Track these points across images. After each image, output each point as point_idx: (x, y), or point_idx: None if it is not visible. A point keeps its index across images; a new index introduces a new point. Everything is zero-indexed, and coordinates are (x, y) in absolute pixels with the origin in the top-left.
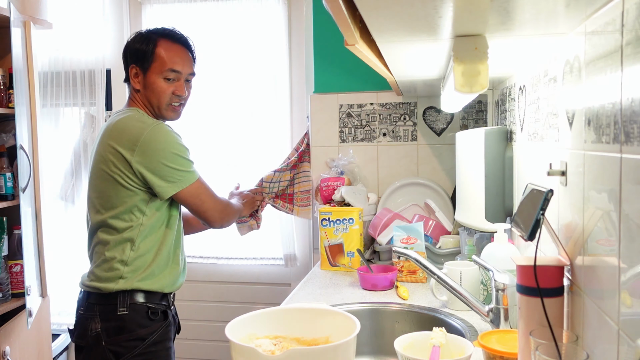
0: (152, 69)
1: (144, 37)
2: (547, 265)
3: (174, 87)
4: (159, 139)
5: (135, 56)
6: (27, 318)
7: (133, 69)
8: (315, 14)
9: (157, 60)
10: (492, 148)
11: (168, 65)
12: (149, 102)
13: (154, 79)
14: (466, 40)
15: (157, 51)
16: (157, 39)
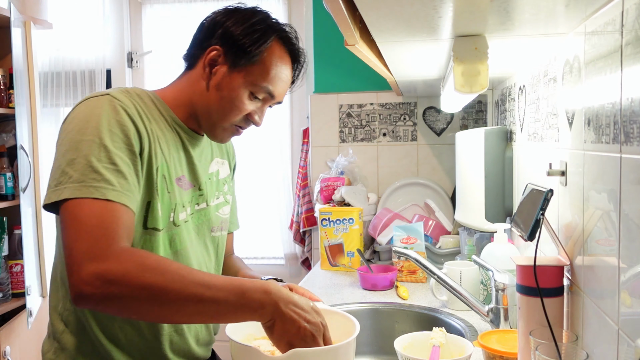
0: (245, 71)
1: (258, 24)
2: (547, 265)
3: (255, 110)
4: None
5: (230, 40)
6: (27, 318)
7: (215, 51)
8: (315, 14)
9: (260, 65)
10: (492, 148)
11: (268, 80)
12: (205, 108)
13: (239, 84)
14: (466, 40)
15: (265, 54)
16: (273, 36)
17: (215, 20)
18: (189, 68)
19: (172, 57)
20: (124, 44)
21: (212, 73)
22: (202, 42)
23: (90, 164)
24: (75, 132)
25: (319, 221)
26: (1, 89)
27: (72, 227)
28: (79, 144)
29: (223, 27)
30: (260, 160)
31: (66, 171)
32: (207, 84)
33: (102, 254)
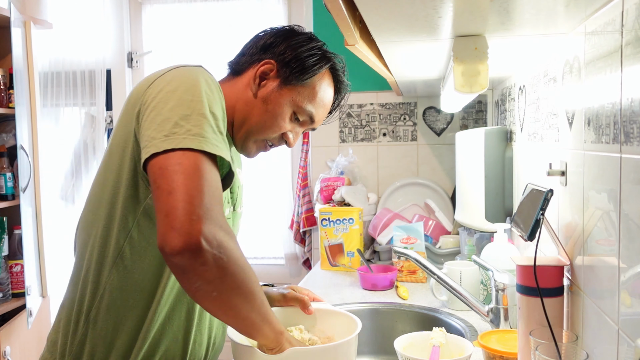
0: (294, 90)
1: (318, 48)
2: (547, 265)
3: (291, 130)
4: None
5: (288, 57)
6: (27, 318)
7: (269, 64)
8: (315, 14)
9: (309, 88)
10: (492, 148)
11: (313, 104)
12: (245, 117)
13: (285, 102)
14: (466, 40)
15: (317, 79)
16: (328, 65)
17: (274, 36)
18: (234, 75)
19: (172, 57)
20: (124, 44)
21: (260, 85)
22: (255, 54)
23: (210, 123)
24: (183, 89)
25: (319, 221)
26: (1, 89)
27: (194, 176)
28: (190, 102)
29: (283, 44)
30: (260, 160)
31: (181, 124)
32: (254, 94)
33: (220, 219)
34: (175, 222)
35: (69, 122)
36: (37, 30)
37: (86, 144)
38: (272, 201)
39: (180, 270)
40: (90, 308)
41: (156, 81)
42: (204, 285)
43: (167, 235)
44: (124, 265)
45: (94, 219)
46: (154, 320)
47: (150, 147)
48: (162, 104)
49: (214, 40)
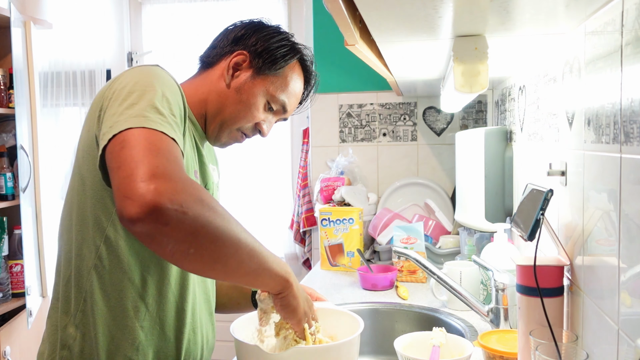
0: (267, 80)
1: (287, 39)
2: (547, 265)
3: (265, 119)
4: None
5: (260, 48)
6: (27, 318)
7: (241, 55)
8: (315, 14)
9: (281, 78)
10: (492, 148)
11: (285, 93)
12: (219, 107)
13: (259, 91)
14: (466, 40)
15: (288, 69)
16: (297, 55)
17: (244, 28)
18: (206, 67)
19: (172, 57)
20: (124, 44)
21: (233, 76)
22: (226, 47)
23: (154, 106)
24: (132, 84)
25: (319, 221)
26: (1, 89)
27: (137, 145)
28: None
29: (254, 36)
30: (260, 161)
31: (126, 112)
32: (227, 84)
33: (176, 175)
34: (127, 190)
35: (69, 122)
36: (37, 30)
37: None
38: (272, 201)
39: (147, 238)
40: (75, 313)
41: (114, 82)
42: (177, 245)
43: (122, 206)
44: (102, 266)
45: (68, 225)
46: (140, 320)
47: (101, 141)
48: (114, 101)
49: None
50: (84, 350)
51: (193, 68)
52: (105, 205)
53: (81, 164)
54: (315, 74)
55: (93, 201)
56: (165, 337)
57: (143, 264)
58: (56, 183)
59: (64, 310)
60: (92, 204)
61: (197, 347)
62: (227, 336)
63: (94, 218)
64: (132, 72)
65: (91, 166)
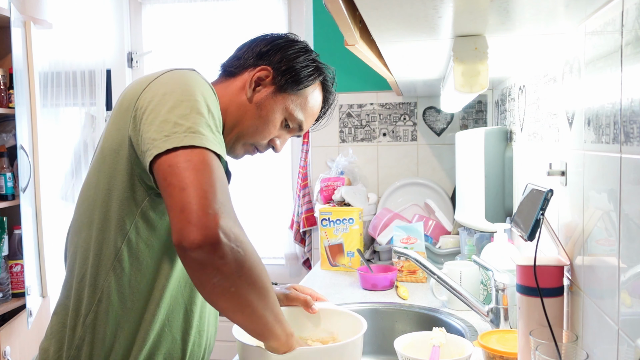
0: (288, 99)
1: (312, 60)
2: (547, 265)
3: (279, 136)
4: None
5: (285, 65)
6: (27, 318)
7: (265, 71)
8: (315, 14)
9: (301, 98)
10: (492, 148)
11: (304, 113)
12: (237, 119)
13: (278, 108)
14: (466, 40)
15: (309, 89)
16: (320, 76)
17: (271, 44)
18: (227, 77)
19: (172, 57)
20: (124, 44)
21: (255, 90)
22: (250, 59)
23: (208, 123)
24: (179, 92)
25: (319, 221)
26: (1, 89)
27: (205, 172)
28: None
29: (280, 54)
30: (260, 161)
31: (180, 123)
32: (248, 98)
33: (234, 215)
34: (192, 217)
35: (69, 122)
36: (37, 30)
37: (86, 144)
38: (272, 201)
39: (198, 265)
40: (87, 313)
41: (151, 85)
42: (222, 280)
43: (184, 230)
44: (121, 268)
45: (88, 222)
46: (153, 322)
47: (152, 148)
48: (160, 106)
49: (214, 40)
50: (93, 351)
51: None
52: (131, 207)
53: (109, 164)
54: (334, 94)
55: (118, 202)
56: (173, 339)
57: (159, 267)
58: (56, 183)
59: (75, 308)
60: (117, 205)
61: (201, 349)
62: (227, 336)
63: (118, 219)
64: (175, 76)
65: (119, 167)
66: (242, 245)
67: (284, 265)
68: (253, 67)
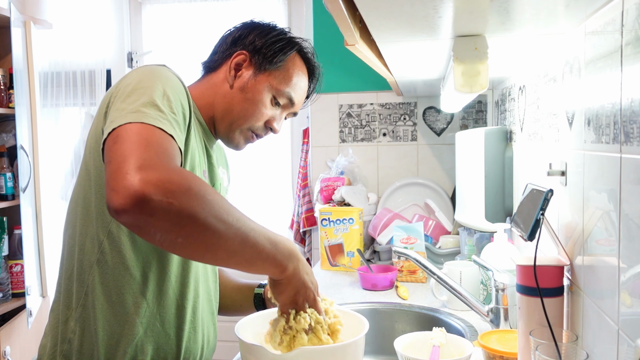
0: (270, 75)
1: (282, 34)
2: (547, 265)
3: (274, 116)
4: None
5: (258, 46)
6: (27, 318)
7: (241, 55)
8: (315, 14)
9: (282, 71)
10: (492, 148)
11: (290, 86)
12: (226, 109)
13: (263, 87)
14: (466, 40)
15: (288, 62)
16: (295, 47)
17: (241, 29)
18: (209, 72)
19: (172, 57)
20: (124, 44)
21: (236, 76)
22: (226, 50)
23: (154, 103)
24: (136, 82)
25: (319, 221)
26: (1, 89)
27: (128, 140)
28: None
29: (251, 35)
30: (260, 161)
31: (126, 108)
32: (231, 85)
33: (163, 166)
34: (113, 183)
35: (69, 122)
36: (37, 30)
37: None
38: (272, 201)
39: (135, 228)
40: (76, 306)
41: (120, 81)
42: (164, 235)
43: (109, 198)
44: (105, 261)
45: (73, 219)
46: (140, 316)
47: (103, 137)
48: (118, 98)
49: (214, 40)
50: (83, 344)
51: (193, 68)
52: None
53: (88, 160)
54: (319, 65)
55: (97, 196)
56: (165, 333)
57: (144, 259)
58: (56, 183)
59: (65, 304)
60: (96, 199)
61: (197, 345)
62: (227, 336)
63: (98, 212)
64: (138, 71)
65: (97, 162)
66: (175, 195)
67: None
68: (230, 56)
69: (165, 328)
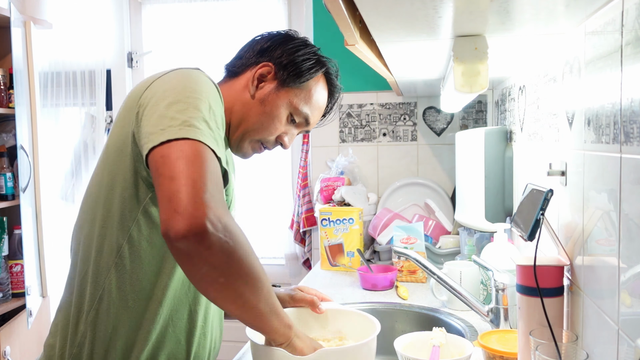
0: (291, 92)
1: (313, 53)
2: (547, 265)
3: (286, 132)
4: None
5: (286, 60)
6: (27, 318)
7: (267, 67)
8: (315, 14)
9: (305, 91)
10: (492, 148)
11: (309, 106)
12: (242, 117)
13: (282, 103)
14: (466, 40)
15: (311, 82)
16: (323, 69)
17: (271, 40)
18: (231, 77)
19: (172, 57)
20: (124, 44)
21: (258, 87)
22: (252, 57)
23: (205, 118)
24: (180, 88)
25: (319, 221)
26: (1, 89)
27: (196, 162)
28: (187, 98)
29: (280, 48)
30: (260, 161)
31: (176, 117)
32: (252, 95)
33: (224, 204)
34: (179, 206)
35: (69, 122)
36: (37, 30)
37: (86, 144)
38: (272, 201)
39: (185, 256)
40: (89, 310)
41: (154, 82)
42: (210, 271)
43: (171, 220)
44: (122, 265)
45: (91, 219)
46: (155, 322)
47: (148, 142)
48: (160, 102)
49: (214, 40)
50: (94, 349)
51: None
52: (132, 204)
53: (113, 161)
54: (340, 88)
55: (121, 199)
56: (176, 339)
57: (162, 266)
58: (56, 183)
59: (77, 305)
60: (120, 202)
61: (205, 351)
62: (228, 336)
63: (120, 216)
64: (178, 74)
65: (123, 164)
66: (231, 235)
67: (284, 265)
68: (255, 65)
69: (177, 334)
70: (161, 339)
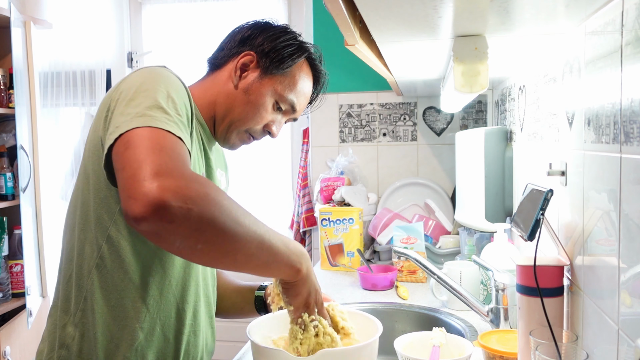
0: (275, 80)
1: (294, 39)
2: (547, 265)
3: (273, 120)
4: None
5: (267, 48)
6: (27, 318)
7: (249, 56)
8: (315, 14)
9: (289, 77)
10: (492, 148)
11: (294, 92)
12: (227, 109)
13: (267, 91)
14: (466, 40)
15: (295, 68)
16: (305, 54)
17: (251, 29)
18: (214, 69)
19: (172, 57)
20: (124, 44)
21: (241, 77)
22: (233, 48)
23: (160, 105)
24: (138, 84)
25: (319, 221)
26: (1, 89)
27: (140, 145)
28: (143, 92)
29: (261, 36)
30: (260, 161)
31: (129, 112)
32: (235, 85)
33: (179, 171)
34: (131, 191)
35: (69, 122)
36: (37, 30)
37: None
38: (272, 201)
39: (154, 236)
40: (75, 311)
41: (121, 84)
42: (184, 242)
43: (128, 206)
44: (104, 266)
45: (72, 223)
46: (140, 320)
47: (107, 142)
48: (121, 102)
49: (214, 40)
50: (82, 350)
51: (194, 68)
52: (109, 204)
53: (87, 164)
54: (325, 73)
55: (96, 200)
56: (164, 338)
57: (144, 264)
58: (56, 183)
59: (63, 309)
60: (95, 203)
61: (197, 349)
62: (226, 336)
63: (97, 217)
64: (139, 73)
65: (96, 166)
66: (193, 200)
67: None
68: (237, 55)
69: (165, 333)
70: (149, 337)
